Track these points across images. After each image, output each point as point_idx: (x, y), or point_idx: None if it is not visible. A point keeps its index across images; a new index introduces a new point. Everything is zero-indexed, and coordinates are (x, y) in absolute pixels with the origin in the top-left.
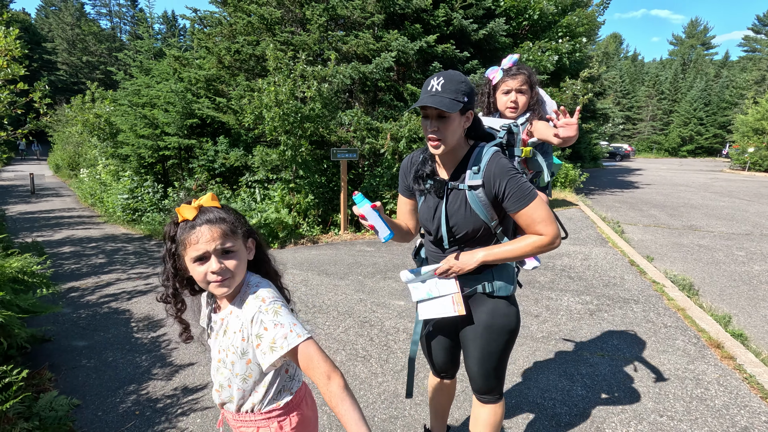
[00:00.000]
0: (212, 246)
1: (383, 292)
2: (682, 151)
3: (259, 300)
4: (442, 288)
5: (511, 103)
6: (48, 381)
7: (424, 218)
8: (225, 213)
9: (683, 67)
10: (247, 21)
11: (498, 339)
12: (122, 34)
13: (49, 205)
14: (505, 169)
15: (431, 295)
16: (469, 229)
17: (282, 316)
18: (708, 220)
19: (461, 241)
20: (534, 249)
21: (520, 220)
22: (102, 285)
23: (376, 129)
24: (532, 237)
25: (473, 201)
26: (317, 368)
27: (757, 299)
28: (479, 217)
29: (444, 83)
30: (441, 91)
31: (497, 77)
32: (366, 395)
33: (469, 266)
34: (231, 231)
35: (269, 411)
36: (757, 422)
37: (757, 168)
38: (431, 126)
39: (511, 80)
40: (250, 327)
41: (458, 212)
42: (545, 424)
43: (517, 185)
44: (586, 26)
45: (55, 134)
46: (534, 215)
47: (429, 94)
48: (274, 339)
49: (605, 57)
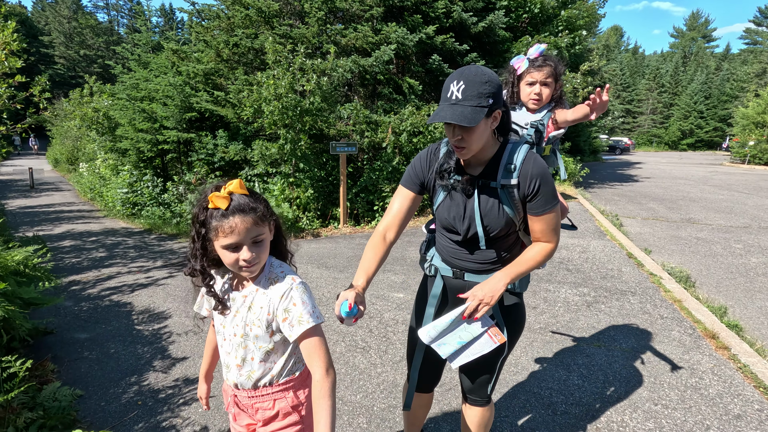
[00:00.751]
0: (245, 236)
1: (382, 285)
2: (682, 145)
3: (290, 278)
4: (473, 328)
5: (534, 95)
6: (51, 372)
7: (450, 217)
8: (255, 202)
9: (684, 60)
10: (245, 14)
11: (511, 338)
12: (120, 27)
13: (48, 200)
14: (543, 169)
15: (463, 341)
16: (501, 229)
17: (308, 296)
18: (706, 213)
19: (492, 241)
20: (544, 257)
21: (536, 224)
22: (103, 278)
23: (375, 122)
24: (539, 245)
25: (505, 200)
26: (321, 356)
27: (753, 291)
28: (510, 217)
29: (465, 88)
30: (462, 98)
31: (522, 67)
32: (365, 385)
33: (500, 292)
34: (261, 220)
35: (286, 382)
36: (750, 410)
37: (757, 161)
38: (455, 135)
39: (537, 72)
40: (279, 302)
41: (491, 212)
42: (541, 412)
43: (549, 188)
44: (586, 19)
45: (53, 128)
46: (552, 221)
47: (449, 102)
48: (302, 314)
49: (605, 50)
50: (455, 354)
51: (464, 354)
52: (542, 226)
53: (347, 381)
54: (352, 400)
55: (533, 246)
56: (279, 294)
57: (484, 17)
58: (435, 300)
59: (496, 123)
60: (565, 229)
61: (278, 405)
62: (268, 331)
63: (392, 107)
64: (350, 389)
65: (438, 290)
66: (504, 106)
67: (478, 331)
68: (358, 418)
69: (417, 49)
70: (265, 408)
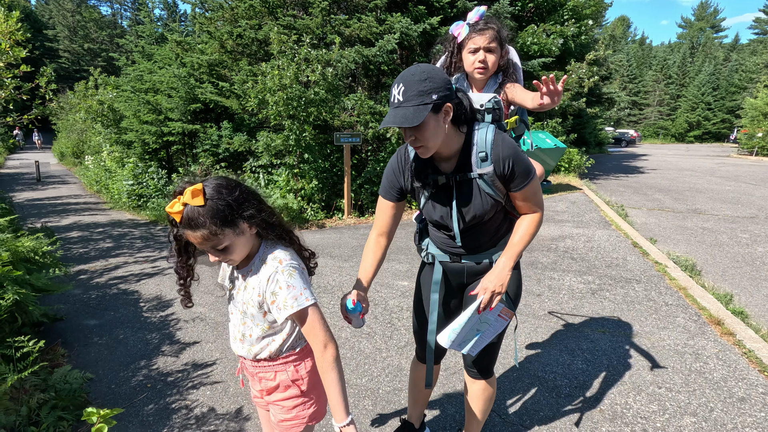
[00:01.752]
0: (202, 247)
1: (387, 273)
2: (689, 137)
3: (277, 261)
4: (488, 316)
5: (479, 63)
6: (61, 357)
7: (438, 216)
8: (203, 215)
9: (692, 50)
10: (249, 4)
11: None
12: (123, 20)
13: (55, 192)
14: (512, 147)
15: (481, 332)
16: (487, 211)
17: (295, 279)
18: (713, 203)
19: (477, 227)
20: (536, 228)
21: (519, 199)
22: (110, 268)
23: (379, 113)
24: (527, 218)
25: (485, 186)
26: (317, 335)
27: (759, 279)
28: (492, 198)
29: (404, 90)
30: (403, 100)
31: (463, 34)
32: (371, 369)
33: (507, 277)
34: (212, 234)
35: (286, 356)
36: (754, 393)
37: (765, 153)
38: (408, 136)
39: (479, 36)
40: (266, 285)
41: (474, 202)
42: (545, 395)
43: (523, 164)
44: (592, 8)
45: (59, 122)
46: (533, 193)
47: (393, 107)
48: (286, 299)
49: (612, 40)
50: (475, 345)
51: (481, 341)
52: (525, 199)
53: (353, 365)
54: (358, 383)
55: (522, 220)
56: (266, 277)
57: (490, 6)
58: (437, 286)
59: (449, 116)
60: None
61: (279, 377)
62: (261, 311)
63: None
64: (356, 373)
65: (439, 276)
66: (457, 98)
67: (493, 317)
68: (364, 401)
69: (421, 39)
70: (267, 378)
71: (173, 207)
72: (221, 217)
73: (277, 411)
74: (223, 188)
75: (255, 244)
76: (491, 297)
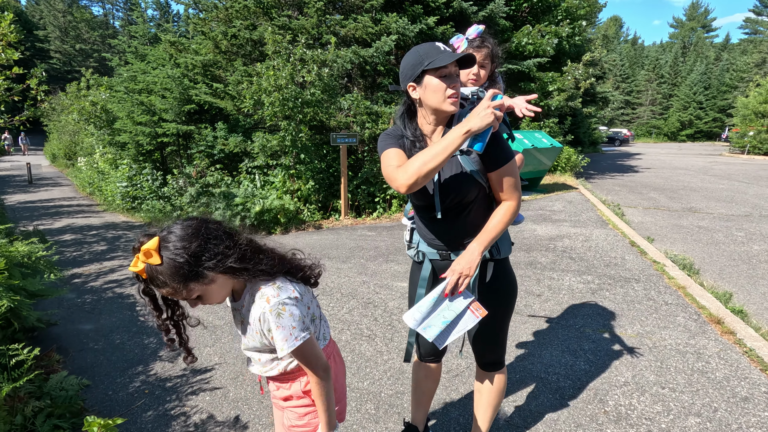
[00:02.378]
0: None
1: (386, 275)
2: (681, 136)
3: (264, 300)
4: (456, 305)
5: (473, 75)
6: (56, 363)
7: (420, 192)
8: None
9: (683, 50)
10: (243, 5)
11: (503, 301)
12: (115, 20)
13: (47, 195)
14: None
15: (448, 320)
16: (470, 191)
17: (284, 318)
18: (707, 202)
19: (461, 207)
20: (510, 216)
21: (494, 180)
22: (105, 271)
23: (376, 113)
24: (502, 207)
25: (467, 163)
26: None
27: (756, 277)
28: (475, 179)
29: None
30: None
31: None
32: (372, 372)
33: (476, 261)
34: (176, 290)
35: (293, 370)
36: (757, 393)
37: (756, 151)
38: (453, 81)
39: (475, 53)
40: (260, 324)
41: (457, 179)
42: (549, 397)
43: (500, 144)
44: (586, 9)
45: (50, 123)
46: (508, 176)
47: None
48: (278, 341)
49: (605, 40)
50: (441, 335)
51: (448, 332)
52: (499, 181)
53: (354, 368)
54: (360, 387)
55: (497, 210)
56: (256, 316)
57: (485, 6)
58: (425, 282)
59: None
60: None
61: (293, 387)
62: (263, 342)
63: (393, 98)
64: (357, 376)
65: (427, 272)
66: None
67: (461, 306)
68: (366, 405)
69: (417, 39)
70: (283, 388)
71: (135, 265)
72: (181, 274)
73: (291, 416)
74: (180, 240)
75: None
76: (458, 279)
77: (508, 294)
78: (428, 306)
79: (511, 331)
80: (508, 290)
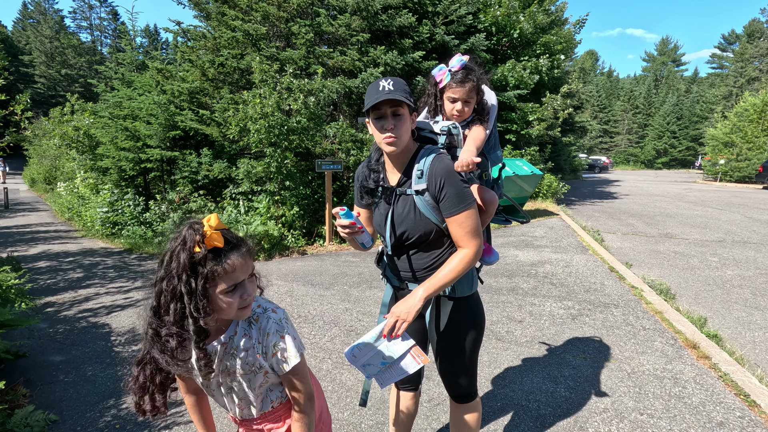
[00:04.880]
0: (247, 272)
1: (369, 302)
2: (657, 163)
3: (270, 311)
4: (396, 348)
5: (456, 112)
6: (23, 397)
7: (377, 226)
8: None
9: (656, 82)
10: (232, 36)
11: (466, 336)
12: (103, 47)
13: (24, 220)
14: (447, 170)
15: (386, 362)
16: (421, 233)
17: (291, 328)
18: (683, 228)
19: (414, 246)
20: (465, 265)
21: (451, 226)
22: (80, 300)
23: (361, 141)
24: (459, 254)
25: (422, 205)
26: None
27: (730, 302)
28: (430, 221)
29: (394, 83)
30: (393, 90)
31: (445, 80)
32: (353, 402)
33: (416, 308)
34: (251, 252)
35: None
36: (732, 417)
37: (728, 179)
38: (388, 124)
39: (459, 88)
40: (267, 339)
41: (408, 217)
42: (530, 425)
43: (457, 187)
44: (563, 44)
45: (30, 148)
46: (465, 223)
47: (383, 93)
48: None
49: (582, 73)
50: (380, 375)
51: (389, 375)
52: (456, 228)
53: (334, 398)
54: (340, 417)
55: (452, 257)
56: (265, 331)
57: (466, 40)
58: (385, 308)
59: (413, 125)
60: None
61: (287, 422)
62: (262, 371)
63: None
64: (337, 406)
65: (387, 299)
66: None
67: (401, 350)
68: None
69: (402, 71)
70: (276, 427)
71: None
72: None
73: None
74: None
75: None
76: (395, 323)
77: (472, 329)
78: (365, 342)
79: (493, 357)
80: (473, 326)
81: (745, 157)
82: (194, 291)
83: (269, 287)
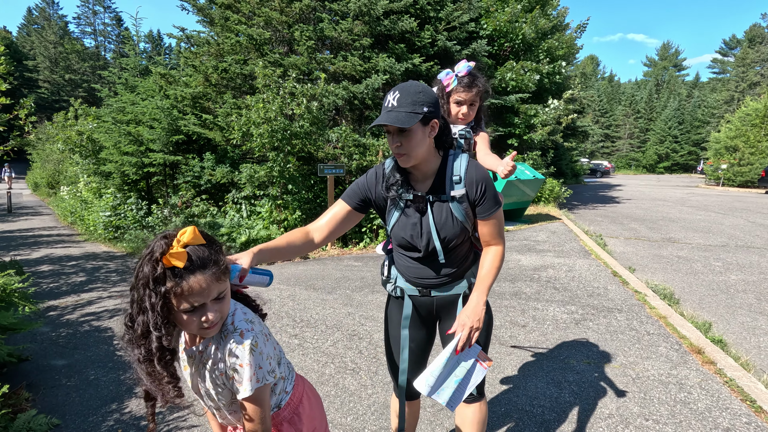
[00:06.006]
0: (209, 296)
1: (371, 306)
2: (659, 168)
3: (237, 334)
4: (467, 361)
5: (461, 115)
6: (25, 401)
7: (408, 235)
8: (213, 252)
9: (657, 87)
10: (236, 41)
11: (481, 333)
12: (107, 52)
13: (27, 224)
14: (484, 173)
15: (459, 379)
16: (458, 239)
17: (254, 356)
18: (686, 232)
19: (450, 252)
20: (501, 262)
21: (485, 227)
22: (82, 303)
23: (363, 145)
24: (491, 252)
25: (457, 211)
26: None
27: (734, 307)
28: (464, 225)
29: (399, 97)
30: (397, 105)
31: (452, 85)
32: (356, 407)
33: (483, 312)
34: (224, 274)
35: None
36: (738, 423)
37: (731, 183)
38: (394, 141)
39: (465, 93)
40: (227, 360)
41: (447, 224)
42: (534, 430)
43: (492, 191)
44: (565, 50)
45: (34, 152)
46: (497, 223)
47: (386, 110)
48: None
49: (583, 77)
50: (454, 396)
51: (459, 392)
52: (491, 228)
53: (337, 403)
54: (343, 422)
55: (486, 254)
56: (226, 352)
57: (468, 45)
58: (407, 321)
59: (434, 132)
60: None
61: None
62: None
63: (380, 131)
64: (340, 411)
65: (409, 311)
66: (443, 120)
67: (471, 361)
68: None
69: (404, 76)
70: None
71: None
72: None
73: None
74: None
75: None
76: (469, 333)
77: (485, 328)
78: (440, 368)
79: (497, 362)
80: (486, 325)
81: (748, 162)
82: (153, 307)
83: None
